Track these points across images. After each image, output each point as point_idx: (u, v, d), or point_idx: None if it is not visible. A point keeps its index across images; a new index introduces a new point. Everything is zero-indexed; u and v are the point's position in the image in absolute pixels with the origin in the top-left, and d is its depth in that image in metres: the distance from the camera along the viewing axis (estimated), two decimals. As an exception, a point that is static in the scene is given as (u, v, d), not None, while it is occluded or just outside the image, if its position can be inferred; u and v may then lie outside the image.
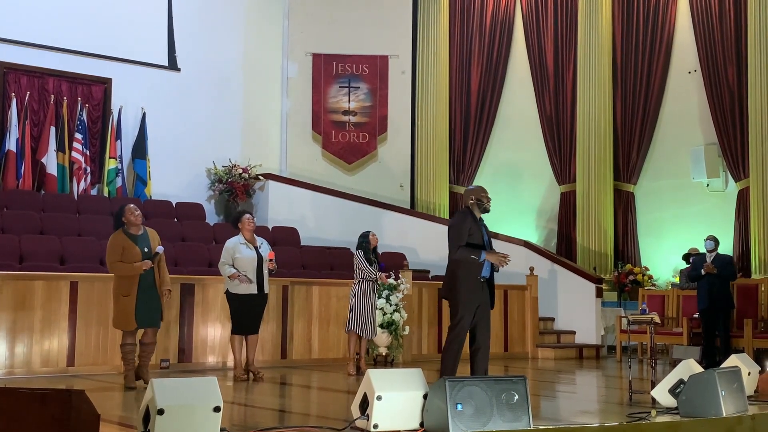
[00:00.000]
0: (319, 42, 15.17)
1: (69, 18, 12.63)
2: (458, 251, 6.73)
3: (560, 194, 14.65)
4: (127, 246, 7.50)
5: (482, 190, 6.97)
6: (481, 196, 6.88)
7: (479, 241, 6.77)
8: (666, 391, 6.20)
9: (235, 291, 8.38)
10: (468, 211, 6.91)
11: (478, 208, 6.89)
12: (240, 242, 8.47)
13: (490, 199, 6.93)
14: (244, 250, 8.43)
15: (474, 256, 6.67)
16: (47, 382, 7.58)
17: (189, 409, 4.48)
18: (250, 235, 8.56)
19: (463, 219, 6.85)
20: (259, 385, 8.13)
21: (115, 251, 7.50)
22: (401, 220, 14.01)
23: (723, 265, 10.38)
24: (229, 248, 8.44)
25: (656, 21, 13.94)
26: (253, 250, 8.48)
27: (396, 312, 10.15)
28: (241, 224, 8.57)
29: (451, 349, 6.73)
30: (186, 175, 13.57)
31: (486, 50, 15.27)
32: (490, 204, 6.92)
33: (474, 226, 6.79)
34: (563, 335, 12.43)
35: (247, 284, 8.33)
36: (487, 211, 6.92)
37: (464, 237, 6.73)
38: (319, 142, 15.09)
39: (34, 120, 12.25)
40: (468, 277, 6.71)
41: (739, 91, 12.82)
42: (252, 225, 8.61)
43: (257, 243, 8.57)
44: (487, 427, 4.88)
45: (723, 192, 13.21)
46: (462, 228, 6.77)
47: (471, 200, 6.91)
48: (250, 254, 8.43)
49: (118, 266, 7.49)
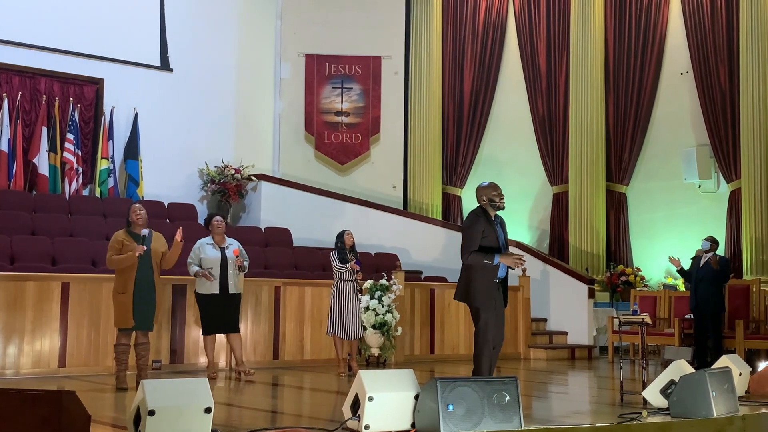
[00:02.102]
0: (312, 43, 15.16)
1: (61, 18, 12.59)
2: (470, 257, 6.54)
3: (553, 195, 14.68)
4: (126, 243, 7.51)
5: (494, 188, 6.75)
6: (493, 195, 6.69)
7: (494, 242, 6.59)
8: (657, 392, 6.21)
9: (200, 291, 8.55)
10: (481, 211, 6.71)
11: (491, 207, 6.70)
12: (207, 243, 8.66)
13: (503, 196, 6.73)
14: (210, 250, 8.60)
15: (487, 260, 6.50)
16: (38, 383, 7.54)
17: (180, 410, 4.47)
18: (220, 237, 8.72)
19: (476, 221, 6.64)
20: (250, 385, 8.12)
21: (113, 247, 7.55)
22: (394, 221, 13.99)
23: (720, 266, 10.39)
24: (195, 248, 8.65)
25: (648, 22, 13.98)
26: (218, 250, 8.62)
27: (388, 313, 10.14)
28: (211, 226, 8.79)
29: (484, 354, 6.53)
30: (178, 176, 13.54)
31: (479, 51, 15.28)
32: (503, 201, 6.73)
33: (488, 227, 6.60)
34: (555, 336, 12.44)
35: (210, 282, 8.43)
36: (501, 208, 6.72)
37: (477, 241, 6.54)
38: (311, 143, 15.08)
39: (26, 120, 12.21)
40: (485, 281, 6.55)
41: (730, 93, 12.87)
42: (221, 227, 8.76)
43: (225, 244, 8.67)
44: (479, 428, 4.88)
45: (715, 193, 13.26)
46: (474, 231, 6.58)
47: (483, 200, 6.72)
48: (215, 254, 8.57)
49: (113, 259, 7.52)
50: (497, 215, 6.81)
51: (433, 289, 11.33)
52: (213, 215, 8.99)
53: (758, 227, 12.12)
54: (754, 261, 12.08)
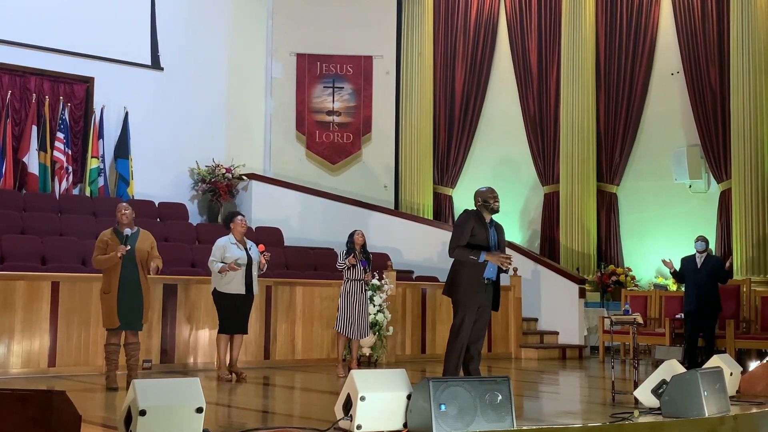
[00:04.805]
0: (304, 42, 15.14)
1: (51, 16, 12.53)
2: (455, 251, 6.76)
3: (544, 195, 14.70)
4: (112, 242, 7.48)
5: (490, 191, 6.97)
6: (488, 197, 6.90)
7: (483, 242, 6.77)
8: (649, 392, 6.21)
9: (223, 290, 8.35)
10: (474, 212, 6.95)
11: (486, 210, 6.90)
12: (231, 242, 8.48)
13: (498, 199, 6.94)
14: (235, 250, 8.42)
15: (473, 256, 6.67)
16: (28, 383, 7.52)
17: (171, 410, 4.45)
18: (241, 236, 8.56)
19: (466, 219, 6.87)
20: (242, 385, 8.10)
21: (98, 247, 7.53)
22: (385, 221, 13.98)
23: (716, 267, 10.39)
24: (219, 246, 8.43)
25: (639, 23, 14.01)
26: (243, 250, 8.47)
27: (380, 312, 10.14)
28: (234, 224, 8.57)
29: (452, 349, 6.71)
30: (169, 175, 13.49)
31: (470, 51, 15.29)
32: (497, 204, 6.93)
33: (478, 227, 6.80)
34: (546, 336, 12.46)
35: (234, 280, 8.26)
36: (495, 211, 6.92)
37: (464, 237, 6.75)
38: (303, 143, 15.05)
39: (16, 119, 12.15)
40: (470, 277, 6.72)
41: (721, 93, 12.90)
42: (244, 226, 8.63)
43: (247, 245, 8.56)
44: (471, 428, 4.88)
45: (705, 193, 13.29)
46: (463, 228, 6.80)
47: (478, 202, 6.95)
48: (240, 254, 8.42)
49: (97, 259, 7.52)
50: (495, 221, 7.02)
51: (425, 288, 11.33)
52: (235, 213, 8.79)
53: (748, 227, 12.15)
54: (744, 261, 12.12)
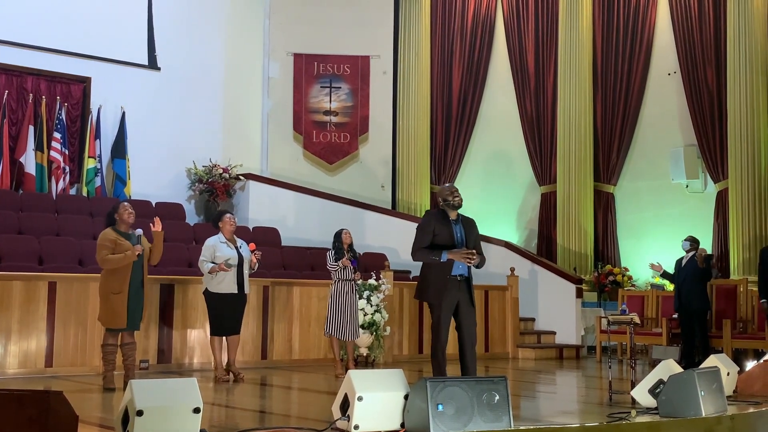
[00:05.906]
0: (301, 42, 15.13)
1: (48, 16, 12.51)
2: (417, 254, 6.81)
3: (541, 195, 14.71)
4: (119, 242, 7.40)
5: (448, 188, 6.95)
6: (446, 195, 6.89)
7: (447, 240, 6.73)
8: (646, 391, 6.22)
9: (214, 290, 8.31)
10: (436, 212, 6.99)
11: (448, 207, 6.89)
12: (220, 241, 8.43)
13: (457, 194, 6.86)
14: (225, 249, 8.37)
15: (434, 257, 6.67)
16: (25, 383, 7.51)
17: (168, 411, 4.44)
18: (230, 234, 8.50)
19: (427, 221, 6.89)
20: (239, 385, 8.10)
21: (106, 246, 7.36)
22: (382, 221, 13.98)
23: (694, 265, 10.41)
24: (209, 246, 8.37)
25: (636, 23, 14.02)
26: (233, 249, 8.42)
27: (377, 312, 10.14)
28: (222, 223, 8.51)
29: (434, 350, 6.71)
30: (166, 175, 13.48)
31: (467, 51, 15.30)
32: (458, 198, 6.85)
33: (440, 226, 6.77)
34: (543, 335, 12.47)
35: (226, 280, 8.23)
36: (457, 206, 6.86)
37: (425, 239, 6.76)
38: (300, 142, 15.05)
39: (13, 119, 12.13)
40: (437, 277, 6.70)
41: (718, 93, 12.92)
42: (233, 224, 8.56)
43: (237, 244, 8.52)
44: (468, 428, 4.88)
45: (702, 193, 13.30)
46: (424, 230, 6.81)
47: (440, 201, 6.98)
48: (231, 253, 8.37)
49: (109, 258, 7.33)
50: (465, 216, 6.98)
51: (418, 289, 11.31)
52: (224, 212, 8.72)
53: (745, 227, 12.17)
54: (741, 261, 12.13)
